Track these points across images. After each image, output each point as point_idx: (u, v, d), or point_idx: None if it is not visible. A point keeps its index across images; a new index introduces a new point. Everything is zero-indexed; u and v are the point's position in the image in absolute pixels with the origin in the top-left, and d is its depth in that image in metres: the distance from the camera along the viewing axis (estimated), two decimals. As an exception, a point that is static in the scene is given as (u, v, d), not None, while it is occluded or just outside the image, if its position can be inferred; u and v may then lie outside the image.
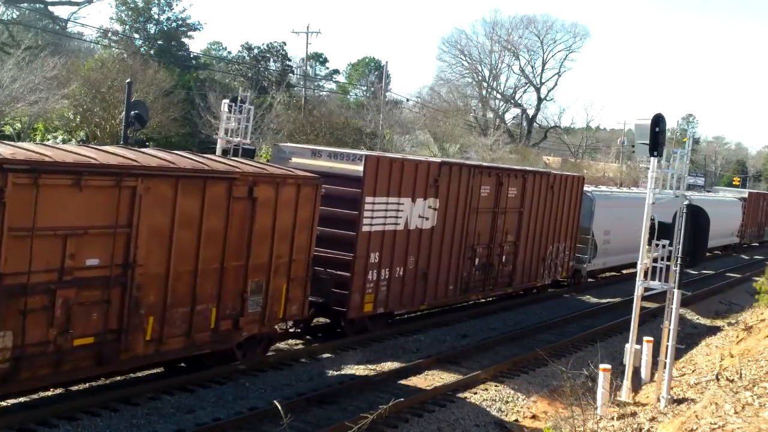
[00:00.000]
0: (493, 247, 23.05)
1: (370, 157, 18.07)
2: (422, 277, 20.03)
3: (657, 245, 14.40)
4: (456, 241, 21.20)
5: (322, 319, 19.33)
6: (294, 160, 18.30)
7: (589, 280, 31.18)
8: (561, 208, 26.50)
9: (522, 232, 24.37)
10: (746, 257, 48.74)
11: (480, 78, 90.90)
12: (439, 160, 21.21)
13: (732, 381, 13.11)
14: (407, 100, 78.26)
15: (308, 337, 18.53)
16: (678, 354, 17.43)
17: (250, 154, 25.80)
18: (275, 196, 14.88)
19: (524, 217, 24.33)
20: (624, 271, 33.86)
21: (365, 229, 17.86)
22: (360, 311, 18.25)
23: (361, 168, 17.66)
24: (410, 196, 19.11)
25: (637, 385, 15.64)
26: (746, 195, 52.78)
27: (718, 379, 14.06)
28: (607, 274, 33.79)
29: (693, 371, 16.94)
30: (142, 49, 61.18)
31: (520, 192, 24.03)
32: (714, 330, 23.90)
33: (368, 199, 17.78)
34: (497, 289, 23.99)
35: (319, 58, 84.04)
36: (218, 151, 26.45)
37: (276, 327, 16.07)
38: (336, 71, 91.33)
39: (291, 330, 17.78)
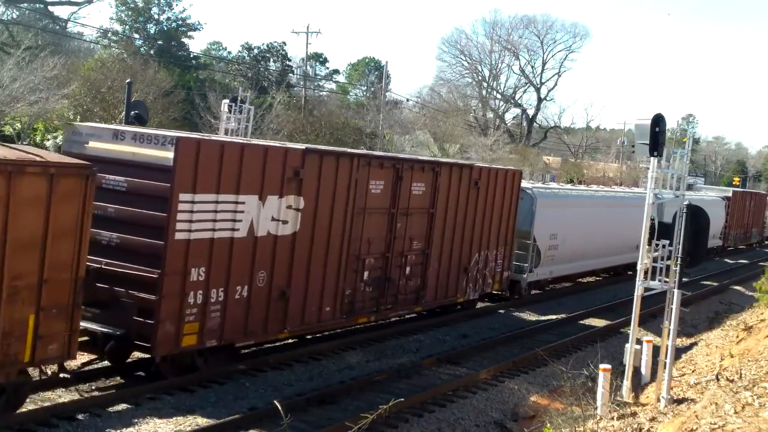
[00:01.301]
0: (391, 257, 18.71)
1: (185, 140, 13.75)
2: (279, 297, 15.65)
3: (657, 245, 14.38)
4: (333, 251, 16.93)
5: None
6: (92, 144, 14.16)
7: (535, 292, 27.15)
8: (490, 208, 22.28)
9: (434, 238, 20.01)
10: (730, 261, 45.06)
11: (480, 78, 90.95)
12: (302, 146, 16.77)
13: (732, 381, 13.11)
14: (407, 100, 78.35)
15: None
16: (678, 354, 17.43)
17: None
18: (5, 192, 10.82)
19: (437, 219, 19.99)
20: (584, 280, 31.57)
21: (180, 236, 13.44)
22: (176, 345, 13.77)
23: (171, 155, 13.30)
24: (256, 192, 14.75)
25: (637, 385, 15.64)
26: (730, 194, 48.82)
27: (718, 379, 14.05)
28: (560, 285, 29.73)
29: (693, 371, 16.94)
30: (142, 49, 61.19)
31: (430, 189, 19.66)
32: (714, 330, 23.88)
33: (184, 196, 13.44)
34: (399, 307, 19.59)
35: (319, 58, 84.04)
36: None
37: (24, 374, 11.68)
38: (336, 71, 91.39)
39: (64, 375, 12.89)
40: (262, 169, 14.86)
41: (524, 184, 26.08)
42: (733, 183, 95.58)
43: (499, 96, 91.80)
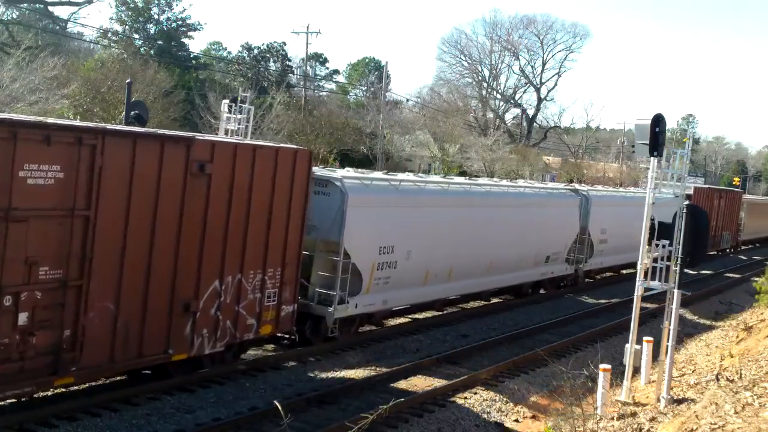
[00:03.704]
0: None
1: None
2: None
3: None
4: None
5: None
6: None
7: (363, 329, 19.25)
8: (242, 207, 14.44)
9: (98, 260, 12.06)
10: (692, 272, 34.34)
11: (480, 78, 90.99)
12: None
13: (732, 381, 13.12)
14: (407, 100, 78.48)
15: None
16: (677, 354, 17.43)
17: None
18: None
19: (103, 227, 12.11)
20: (423, 315, 22.21)
21: None
22: None
23: None
24: None
25: (637, 385, 15.63)
26: (692, 191, 38.83)
27: (718, 379, 14.06)
28: (400, 320, 21.36)
29: (693, 371, 16.94)
30: (142, 49, 61.22)
31: (77, 174, 11.70)
32: (714, 330, 23.89)
33: None
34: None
35: (319, 58, 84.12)
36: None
37: None
38: (336, 71, 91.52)
39: None
40: None
41: (339, 172, 18.81)
42: (733, 183, 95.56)
43: (499, 96, 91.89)
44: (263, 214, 14.93)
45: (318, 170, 17.85)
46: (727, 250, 48.46)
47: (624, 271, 34.42)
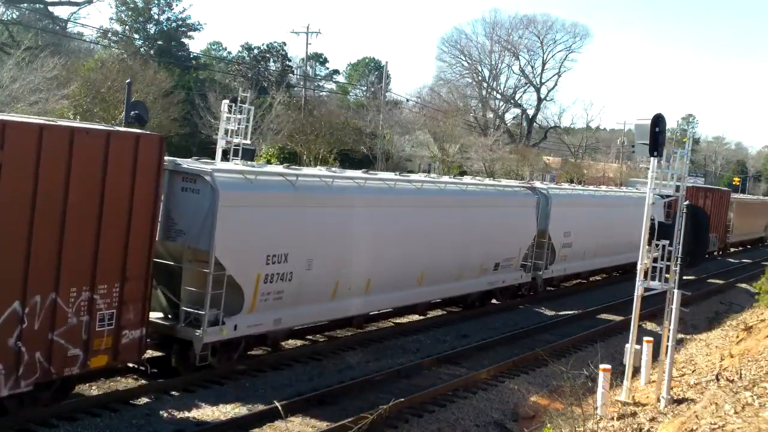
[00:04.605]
0: None
1: None
2: None
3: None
4: None
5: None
6: None
7: (251, 350, 16.31)
8: (67, 208, 11.45)
9: None
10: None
11: (480, 78, 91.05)
12: None
13: (732, 381, 13.11)
14: (407, 100, 78.45)
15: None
16: (677, 354, 17.43)
17: (250, 154, 25.85)
18: None
19: None
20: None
21: None
22: None
23: None
24: None
25: (637, 385, 15.63)
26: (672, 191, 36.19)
27: (718, 379, 14.05)
28: (299, 342, 18.18)
29: (693, 371, 16.93)
30: (141, 49, 61.25)
31: None
32: (714, 330, 23.88)
33: None
34: None
35: (319, 59, 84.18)
36: (218, 151, 26.50)
37: None
38: (336, 71, 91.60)
39: None
40: None
41: (215, 164, 15.66)
42: (733, 183, 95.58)
43: (499, 96, 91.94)
44: (88, 215, 11.74)
45: (187, 162, 14.77)
46: (715, 253, 45.17)
47: (597, 277, 32.06)
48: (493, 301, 24.73)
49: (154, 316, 14.24)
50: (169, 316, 14.51)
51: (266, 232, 14.98)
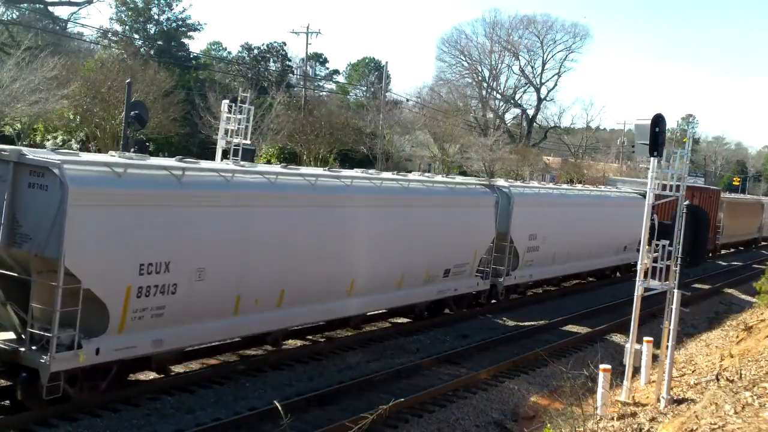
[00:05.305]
0: None
1: None
2: None
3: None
4: None
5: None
6: None
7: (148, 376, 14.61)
8: None
9: None
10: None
11: (480, 78, 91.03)
12: None
13: (732, 381, 13.11)
14: (407, 100, 78.41)
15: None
16: (677, 354, 17.43)
17: (250, 154, 25.84)
18: None
19: None
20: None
21: None
22: None
23: None
24: None
25: (637, 385, 15.63)
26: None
27: (718, 379, 14.05)
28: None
29: (693, 371, 16.93)
30: (141, 49, 61.23)
31: None
32: (714, 330, 23.88)
33: None
34: None
35: (319, 59, 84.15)
36: (218, 151, 26.50)
37: None
38: (336, 71, 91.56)
39: None
40: None
41: (65, 155, 12.49)
42: (733, 183, 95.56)
43: (499, 96, 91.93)
44: None
45: (35, 152, 12.54)
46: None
47: (568, 283, 29.82)
48: (446, 311, 22.21)
49: (4, 337, 12.23)
50: (23, 337, 12.06)
51: (140, 237, 12.47)
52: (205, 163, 15.28)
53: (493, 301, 24.12)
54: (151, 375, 14.33)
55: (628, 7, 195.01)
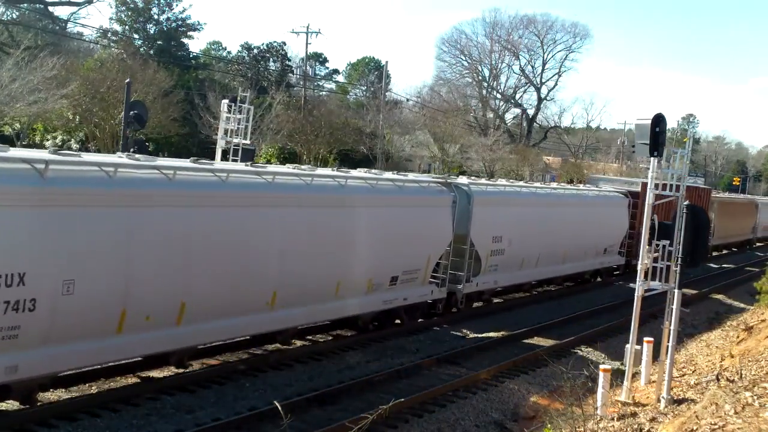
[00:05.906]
0: None
1: None
2: None
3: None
4: None
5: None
6: None
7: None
8: None
9: None
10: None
11: (480, 78, 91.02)
12: None
13: (732, 381, 13.11)
14: (407, 100, 78.47)
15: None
16: (678, 354, 17.42)
17: (249, 154, 25.84)
18: None
19: None
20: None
21: None
22: None
23: None
24: None
25: (637, 385, 15.63)
26: (639, 188, 30.83)
27: (718, 380, 14.05)
28: None
29: (693, 371, 16.92)
30: (141, 49, 61.23)
31: None
32: (714, 330, 23.87)
33: None
34: None
35: (318, 58, 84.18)
36: (218, 151, 26.50)
37: None
38: (336, 71, 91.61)
39: None
40: None
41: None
42: (733, 183, 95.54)
43: (499, 96, 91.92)
44: None
45: None
46: None
47: (541, 289, 27.94)
48: (397, 322, 20.04)
49: None
50: None
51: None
52: (87, 156, 12.88)
53: (453, 310, 21.93)
54: (152, 375, 14.32)
55: (628, 7, 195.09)
